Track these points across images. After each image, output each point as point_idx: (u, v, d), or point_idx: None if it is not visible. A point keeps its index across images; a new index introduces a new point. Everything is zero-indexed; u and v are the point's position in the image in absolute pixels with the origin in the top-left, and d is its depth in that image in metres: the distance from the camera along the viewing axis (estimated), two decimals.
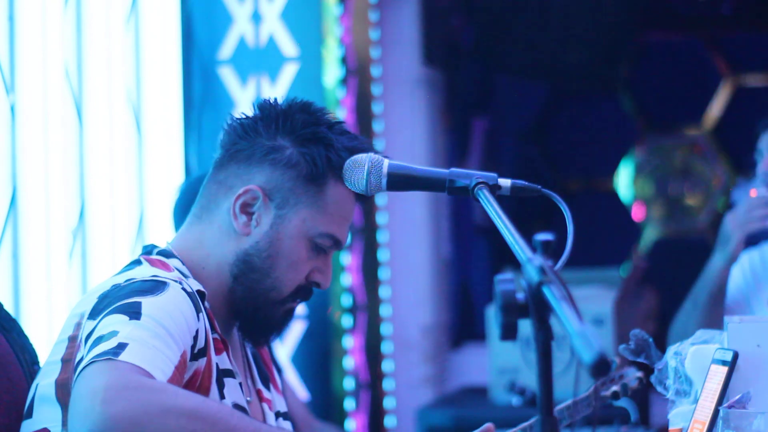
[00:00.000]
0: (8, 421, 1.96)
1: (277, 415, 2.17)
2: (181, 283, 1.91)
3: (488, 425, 2.11)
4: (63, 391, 1.89)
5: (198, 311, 1.90)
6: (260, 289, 2.04)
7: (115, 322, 1.79)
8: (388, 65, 5.36)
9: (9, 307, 2.23)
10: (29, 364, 2.08)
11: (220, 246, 2.05)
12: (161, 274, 1.95)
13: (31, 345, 2.12)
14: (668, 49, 6.69)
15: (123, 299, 1.84)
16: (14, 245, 3.04)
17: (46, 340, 2.95)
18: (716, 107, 6.46)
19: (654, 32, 6.70)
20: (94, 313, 1.85)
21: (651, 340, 2.10)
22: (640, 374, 2.33)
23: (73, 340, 1.91)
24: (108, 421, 1.66)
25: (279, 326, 2.09)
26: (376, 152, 2.05)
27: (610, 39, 6.42)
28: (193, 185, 2.89)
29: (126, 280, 1.92)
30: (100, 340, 1.76)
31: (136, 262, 2.02)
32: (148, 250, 2.07)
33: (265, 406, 2.13)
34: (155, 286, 1.88)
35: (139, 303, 1.83)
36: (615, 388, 2.28)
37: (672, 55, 6.65)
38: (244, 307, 2.05)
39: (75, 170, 3.34)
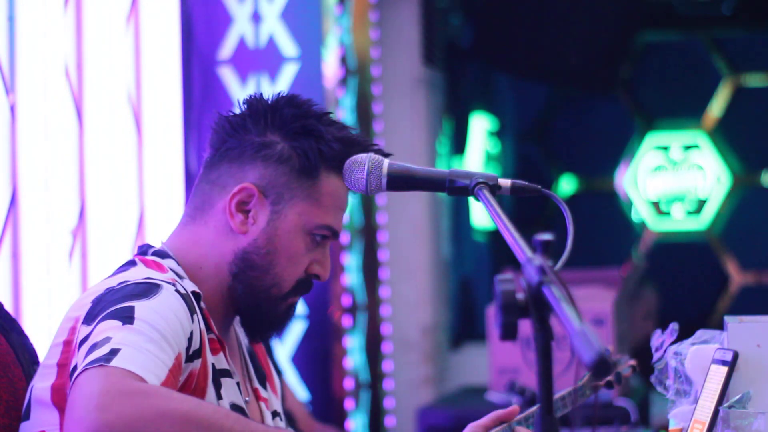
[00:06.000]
0: (8, 421, 1.96)
1: (274, 414, 2.17)
2: (174, 285, 1.91)
3: (512, 408, 2.12)
4: (59, 396, 1.88)
5: (192, 312, 1.90)
6: (261, 286, 2.04)
7: (108, 328, 1.79)
8: (388, 65, 5.36)
9: (9, 307, 2.22)
10: (29, 364, 2.07)
11: (217, 245, 2.04)
12: (155, 275, 1.94)
13: (31, 345, 2.12)
14: (668, 49, 6.69)
15: (116, 304, 1.84)
16: (14, 245, 3.04)
17: (46, 340, 2.94)
18: (716, 107, 6.46)
19: (654, 32, 6.70)
20: (89, 318, 1.85)
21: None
22: (633, 362, 2.32)
23: (68, 344, 1.90)
24: (103, 427, 1.66)
25: (282, 322, 2.09)
26: (371, 144, 2.05)
27: (610, 39, 6.43)
28: None
29: (119, 283, 1.91)
30: (94, 347, 1.76)
31: (131, 263, 2.02)
32: (143, 251, 2.07)
33: (263, 404, 2.13)
34: (148, 289, 1.87)
35: (132, 307, 1.82)
36: (608, 377, 2.27)
37: (672, 55, 6.66)
38: (245, 305, 2.05)
39: (75, 170, 3.34)
